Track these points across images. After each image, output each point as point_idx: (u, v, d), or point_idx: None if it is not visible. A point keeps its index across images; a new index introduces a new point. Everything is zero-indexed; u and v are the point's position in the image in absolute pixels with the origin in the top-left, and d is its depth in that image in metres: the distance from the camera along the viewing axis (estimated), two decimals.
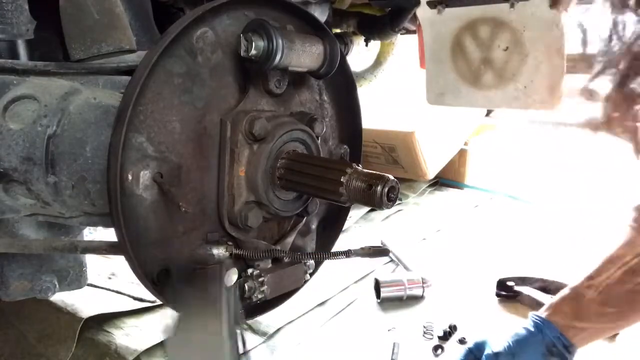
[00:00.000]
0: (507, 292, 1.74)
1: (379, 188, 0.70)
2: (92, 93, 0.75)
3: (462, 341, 1.50)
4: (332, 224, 1.03)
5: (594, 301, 1.04)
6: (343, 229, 1.08)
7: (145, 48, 0.94)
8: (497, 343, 1.07)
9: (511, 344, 1.04)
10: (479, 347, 1.11)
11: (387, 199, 0.71)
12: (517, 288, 1.73)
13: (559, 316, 1.06)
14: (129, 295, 1.53)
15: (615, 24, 0.76)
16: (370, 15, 1.77)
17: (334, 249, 1.06)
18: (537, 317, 1.08)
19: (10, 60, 0.79)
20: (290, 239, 0.90)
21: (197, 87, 0.76)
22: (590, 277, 1.08)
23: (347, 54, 1.96)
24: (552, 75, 1.09)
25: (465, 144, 2.98)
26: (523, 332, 1.06)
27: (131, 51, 0.88)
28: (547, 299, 1.65)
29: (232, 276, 0.79)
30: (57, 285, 0.96)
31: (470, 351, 1.13)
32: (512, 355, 1.03)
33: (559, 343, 1.02)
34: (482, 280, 1.85)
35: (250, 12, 0.79)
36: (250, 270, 0.79)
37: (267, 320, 1.44)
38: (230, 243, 0.77)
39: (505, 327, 1.10)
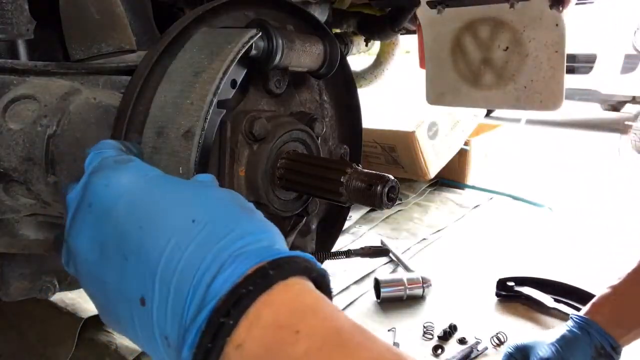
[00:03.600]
0: (507, 292, 1.74)
1: (379, 188, 0.70)
2: (92, 93, 0.75)
3: (462, 341, 1.50)
4: (332, 224, 1.03)
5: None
6: (343, 229, 1.07)
7: (145, 48, 0.94)
8: (543, 348, 1.04)
9: (559, 347, 1.02)
10: (521, 350, 1.09)
11: (387, 199, 0.71)
12: (517, 288, 1.73)
13: (602, 316, 1.04)
14: None
15: None
16: (370, 15, 1.77)
17: (334, 249, 1.06)
18: (579, 318, 1.05)
19: (10, 60, 0.79)
20: (290, 239, 0.90)
21: None
22: (633, 276, 1.06)
23: (347, 54, 1.96)
24: (552, 75, 1.09)
25: (466, 144, 2.98)
26: (568, 334, 1.04)
27: (131, 51, 0.88)
28: (548, 299, 1.65)
29: None
30: (57, 285, 0.96)
31: (511, 355, 1.11)
32: None
33: (607, 344, 1.00)
34: (482, 280, 1.85)
35: (250, 12, 0.79)
36: None
37: None
38: None
39: (549, 332, 1.06)
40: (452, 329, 1.54)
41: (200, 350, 0.41)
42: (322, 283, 0.47)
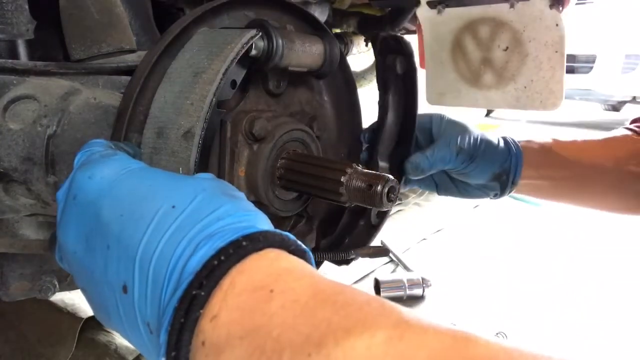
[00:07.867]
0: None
1: (379, 188, 0.70)
2: (92, 93, 0.75)
3: None
4: (332, 224, 1.03)
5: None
6: None
7: (145, 48, 0.94)
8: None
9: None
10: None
11: (387, 199, 0.71)
12: None
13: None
14: None
15: None
16: (370, 15, 1.77)
17: None
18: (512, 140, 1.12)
19: (10, 60, 0.78)
20: None
21: None
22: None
23: (347, 54, 1.96)
24: (552, 75, 1.09)
25: None
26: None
27: (131, 51, 0.88)
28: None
29: None
30: (57, 285, 0.96)
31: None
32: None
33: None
34: (482, 280, 1.85)
35: (250, 12, 0.79)
36: None
37: None
38: None
39: None
40: None
41: (175, 328, 0.40)
42: (302, 259, 0.47)
